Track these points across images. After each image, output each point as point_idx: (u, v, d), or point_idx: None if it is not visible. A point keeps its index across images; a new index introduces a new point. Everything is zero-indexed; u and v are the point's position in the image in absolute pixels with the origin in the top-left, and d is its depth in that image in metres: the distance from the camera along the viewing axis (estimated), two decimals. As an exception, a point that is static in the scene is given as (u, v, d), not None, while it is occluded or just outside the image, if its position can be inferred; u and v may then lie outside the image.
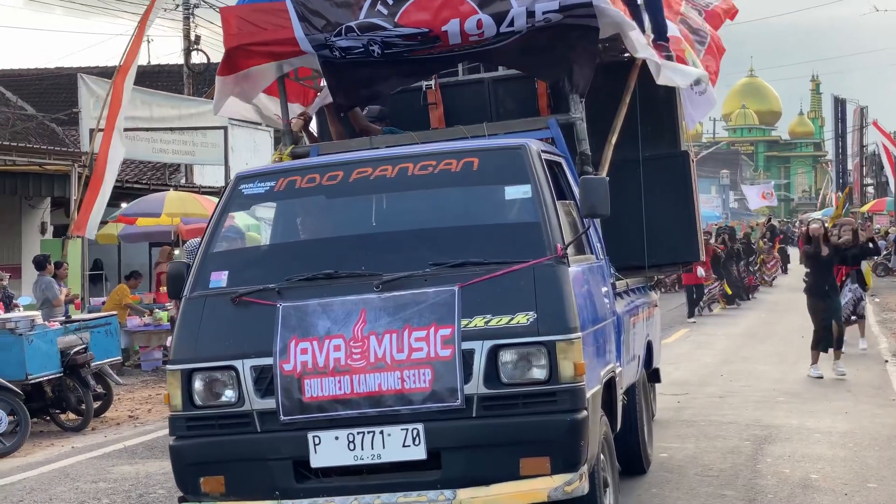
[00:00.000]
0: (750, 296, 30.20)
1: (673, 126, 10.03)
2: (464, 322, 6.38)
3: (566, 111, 8.38)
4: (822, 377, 14.64)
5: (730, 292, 27.63)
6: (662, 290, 30.93)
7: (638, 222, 9.69)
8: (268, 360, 6.49)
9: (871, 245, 17.51)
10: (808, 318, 15.31)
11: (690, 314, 24.91)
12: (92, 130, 20.37)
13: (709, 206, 68.96)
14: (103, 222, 20.49)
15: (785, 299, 28.91)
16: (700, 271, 24.41)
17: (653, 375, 10.63)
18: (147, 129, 24.05)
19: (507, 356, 6.37)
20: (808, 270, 15.60)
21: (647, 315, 9.82)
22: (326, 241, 7.17)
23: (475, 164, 7.00)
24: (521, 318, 6.38)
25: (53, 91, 33.55)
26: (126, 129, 20.19)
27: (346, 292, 6.57)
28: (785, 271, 38.59)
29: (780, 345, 18.57)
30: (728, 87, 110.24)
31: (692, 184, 10.05)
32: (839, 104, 75.05)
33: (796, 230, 42.05)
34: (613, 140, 8.90)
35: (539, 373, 6.36)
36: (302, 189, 7.17)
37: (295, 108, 9.23)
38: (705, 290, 26.01)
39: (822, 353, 14.97)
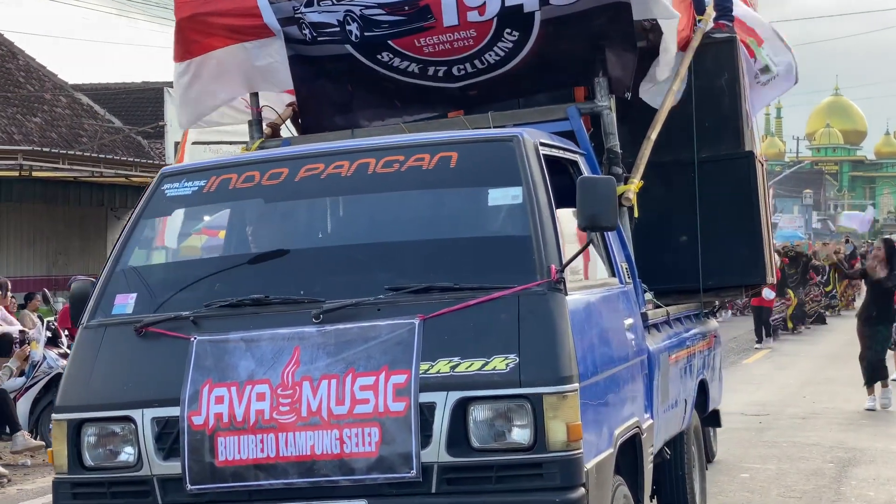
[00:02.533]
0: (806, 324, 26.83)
1: (735, 122, 8.16)
2: (424, 366, 4.69)
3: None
4: (873, 409, 13.29)
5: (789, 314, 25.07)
6: (735, 312, 28.95)
7: (692, 237, 7.89)
8: (174, 411, 4.87)
9: None
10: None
11: (759, 339, 22.45)
12: (177, 143, 20.33)
13: (791, 225, 66.22)
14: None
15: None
16: (767, 292, 21.91)
17: (710, 419, 8.78)
18: (221, 143, 22.81)
19: (478, 413, 4.67)
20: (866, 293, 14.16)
21: (702, 348, 7.95)
22: (259, 258, 5.46)
23: (453, 161, 5.25)
24: (499, 363, 4.65)
25: (140, 104, 33.21)
26: (194, 143, 18.95)
27: (278, 324, 4.92)
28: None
29: None
30: (813, 106, 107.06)
31: (759, 191, 8.18)
32: None
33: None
34: (653, 136, 7.08)
35: (520, 436, 4.64)
36: (237, 190, 5.48)
37: (274, 97, 7.50)
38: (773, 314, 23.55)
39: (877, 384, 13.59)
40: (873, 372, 13.44)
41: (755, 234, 8.06)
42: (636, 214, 6.54)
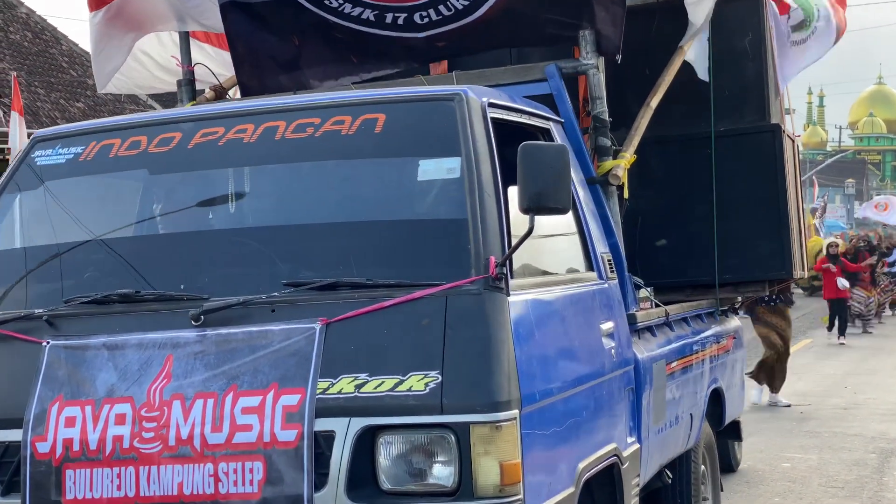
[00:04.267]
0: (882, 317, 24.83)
1: (760, 90, 6.94)
2: (322, 384, 3.58)
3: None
4: None
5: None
6: (805, 291, 27.17)
7: (707, 224, 6.73)
8: (15, 434, 3.76)
9: None
10: None
11: (840, 332, 19.96)
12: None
13: (833, 215, 64.32)
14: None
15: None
16: (842, 282, 20.18)
17: (729, 431, 7.62)
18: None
19: (388, 446, 3.57)
20: None
21: (716, 352, 6.76)
22: (135, 243, 4.33)
23: (378, 124, 4.09)
24: (417, 383, 3.54)
25: (182, 91, 32.64)
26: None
27: (150, 326, 3.82)
28: None
29: None
30: (856, 95, 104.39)
31: (787, 171, 6.97)
32: None
33: None
34: (653, 103, 5.91)
35: (442, 476, 3.54)
36: (119, 159, 4.34)
37: (212, 53, 6.38)
38: (860, 305, 21.60)
39: None
40: None
41: (781, 222, 6.87)
42: (626, 195, 5.37)
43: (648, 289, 5.77)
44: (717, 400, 6.85)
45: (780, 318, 12.54)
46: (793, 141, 7.60)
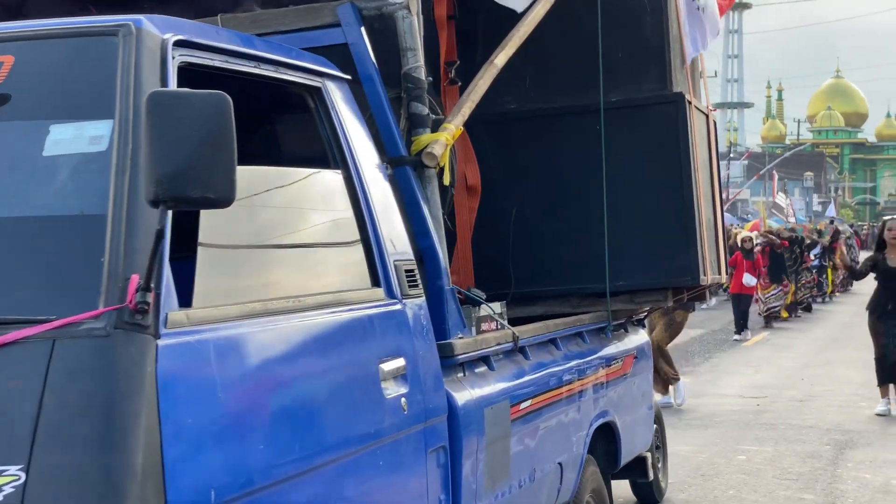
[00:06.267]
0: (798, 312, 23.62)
1: (660, 53, 5.54)
2: None
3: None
4: (886, 413, 11.08)
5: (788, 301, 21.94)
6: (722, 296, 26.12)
7: (597, 217, 5.37)
8: None
9: None
10: None
11: (737, 330, 18.97)
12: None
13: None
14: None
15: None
16: (748, 278, 18.94)
17: (632, 470, 6.23)
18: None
19: None
20: (876, 283, 11.36)
21: (604, 379, 5.33)
22: None
23: (3, 69, 2.63)
24: None
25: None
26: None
27: None
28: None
29: (864, 349, 16.58)
30: (814, 89, 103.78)
31: (695, 153, 5.57)
32: None
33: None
34: (499, 61, 4.45)
35: None
36: None
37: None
38: (762, 300, 20.46)
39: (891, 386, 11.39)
40: (892, 372, 11.18)
41: (686, 215, 5.47)
42: (448, 181, 3.93)
43: (498, 304, 4.35)
44: (609, 436, 5.44)
45: (662, 319, 11.18)
46: (707, 116, 6.20)
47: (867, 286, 32.44)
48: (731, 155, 62.20)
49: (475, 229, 5.38)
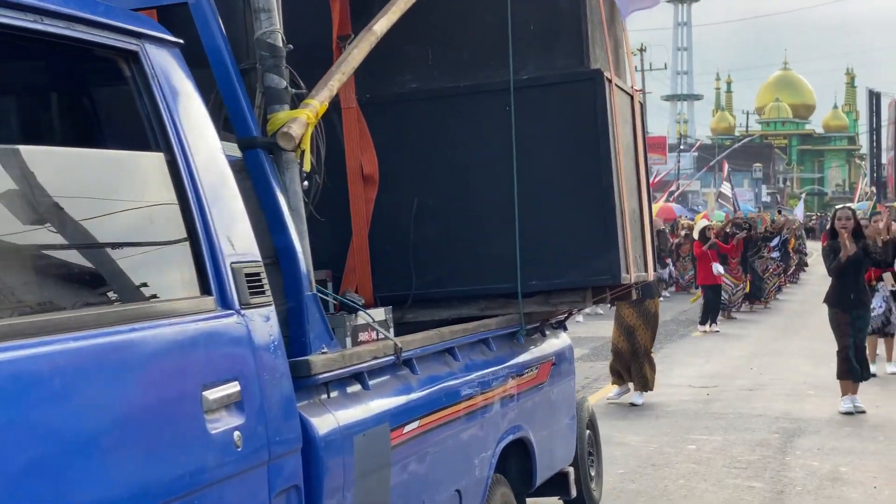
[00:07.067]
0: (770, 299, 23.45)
1: (576, 23, 4.95)
2: None
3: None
4: (853, 412, 10.41)
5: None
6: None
7: (507, 209, 4.81)
8: None
9: None
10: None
11: (703, 320, 18.48)
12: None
13: (742, 199, 63.53)
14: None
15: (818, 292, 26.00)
16: (716, 267, 18.49)
17: (554, 487, 5.61)
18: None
19: None
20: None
21: (513, 391, 4.71)
22: None
23: None
24: None
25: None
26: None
27: None
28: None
29: (812, 339, 16.93)
30: (761, 80, 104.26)
31: (615, 136, 4.99)
32: (874, 98, 71.71)
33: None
34: (379, 28, 3.86)
35: None
36: None
37: None
38: (725, 294, 19.73)
39: (854, 383, 10.73)
40: (866, 363, 10.68)
41: (605, 206, 4.89)
42: (308, 167, 3.32)
43: (382, 309, 3.76)
44: (522, 453, 4.87)
45: (636, 315, 10.80)
46: (632, 97, 5.63)
47: (813, 277, 32.74)
48: (682, 147, 62.14)
49: (372, 224, 4.81)
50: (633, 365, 10.95)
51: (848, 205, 13.97)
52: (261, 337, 2.78)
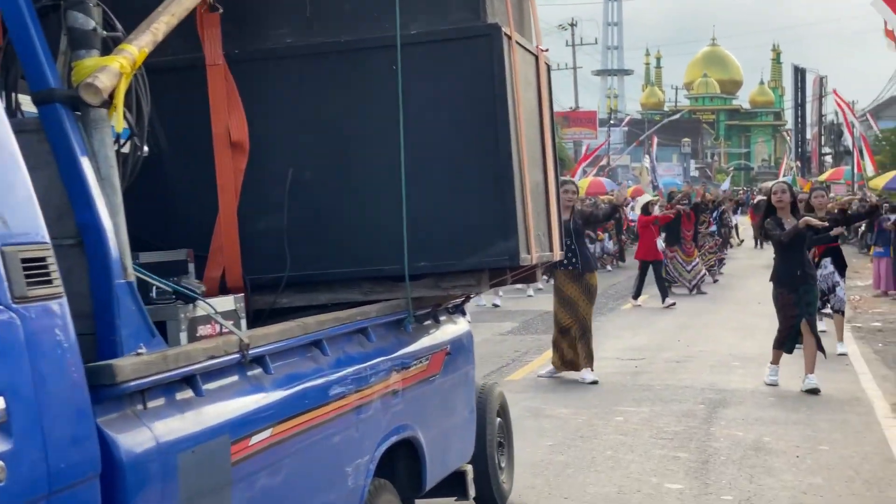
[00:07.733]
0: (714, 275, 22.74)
1: None
2: None
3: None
4: (776, 384, 10.46)
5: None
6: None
7: (393, 183, 4.29)
8: None
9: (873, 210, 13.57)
10: (768, 286, 10.78)
11: (635, 293, 17.84)
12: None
13: (670, 174, 63.79)
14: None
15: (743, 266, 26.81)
16: (660, 242, 17.96)
17: (451, 486, 5.11)
18: None
19: None
20: (775, 252, 10.46)
21: (397, 385, 4.17)
22: None
23: None
24: None
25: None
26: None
27: None
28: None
29: (739, 311, 17.26)
30: (690, 56, 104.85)
31: (515, 100, 4.46)
32: (799, 74, 73.57)
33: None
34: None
35: None
36: None
37: None
38: (685, 272, 19.32)
39: (784, 354, 10.58)
40: (799, 338, 10.30)
41: (502, 179, 4.36)
42: (120, 128, 2.73)
43: (231, 297, 3.19)
44: (411, 454, 4.34)
45: (578, 290, 10.37)
46: (536, 57, 5.08)
47: (740, 251, 32.73)
48: (612, 122, 62.07)
49: (242, 197, 4.25)
50: (580, 342, 10.53)
51: (781, 179, 13.80)
52: (41, 339, 2.21)
